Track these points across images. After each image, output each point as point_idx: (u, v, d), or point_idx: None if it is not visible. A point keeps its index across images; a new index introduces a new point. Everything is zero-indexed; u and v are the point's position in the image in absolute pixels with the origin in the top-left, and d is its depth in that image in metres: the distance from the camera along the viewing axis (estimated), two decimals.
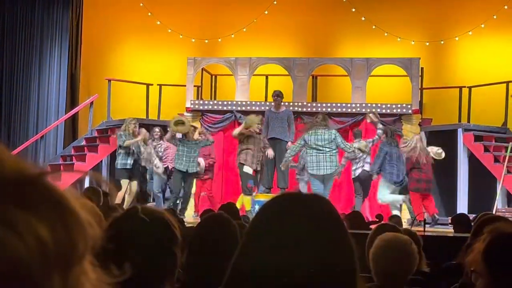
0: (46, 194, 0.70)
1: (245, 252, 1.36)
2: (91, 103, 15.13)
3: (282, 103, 12.79)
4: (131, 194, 12.68)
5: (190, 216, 12.52)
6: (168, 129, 12.35)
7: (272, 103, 12.92)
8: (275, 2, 16.35)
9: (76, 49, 15.92)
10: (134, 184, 12.76)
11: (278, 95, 12.64)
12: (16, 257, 0.65)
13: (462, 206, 12.73)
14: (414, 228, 7.76)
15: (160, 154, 12.88)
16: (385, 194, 11.91)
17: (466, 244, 3.50)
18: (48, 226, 0.68)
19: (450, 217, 9.62)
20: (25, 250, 0.66)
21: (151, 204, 11.79)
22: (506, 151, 13.02)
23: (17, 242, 0.66)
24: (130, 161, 12.59)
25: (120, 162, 12.62)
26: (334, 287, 1.32)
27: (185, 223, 7.86)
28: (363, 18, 15.98)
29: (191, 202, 12.75)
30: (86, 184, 13.95)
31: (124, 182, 12.55)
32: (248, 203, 12.03)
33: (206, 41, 16.57)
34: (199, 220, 3.90)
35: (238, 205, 10.23)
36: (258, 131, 12.37)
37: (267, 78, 15.12)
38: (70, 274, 0.70)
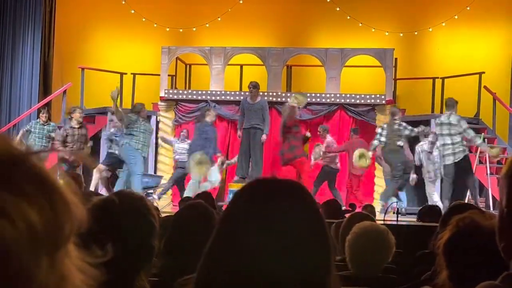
0: (33, 174, 0.70)
1: (219, 240, 1.30)
2: (64, 91, 15.00)
3: (258, 94, 12.79)
4: None
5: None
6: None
7: (248, 93, 12.90)
8: None
9: (49, 37, 15.75)
10: None
11: (254, 86, 12.60)
12: (7, 242, 0.66)
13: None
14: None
15: None
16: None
17: (436, 232, 3.53)
18: (37, 209, 0.68)
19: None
20: (16, 235, 0.66)
21: None
22: None
23: (8, 227, 0.66)
24: None
25: None
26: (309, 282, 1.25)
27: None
28: (337, 9, 16.00)
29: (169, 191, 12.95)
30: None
31: None
32: None
33: (181, 30, 16.49)
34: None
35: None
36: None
37: (241, 67, 15.09)
38: (57, 256, 0.70)
